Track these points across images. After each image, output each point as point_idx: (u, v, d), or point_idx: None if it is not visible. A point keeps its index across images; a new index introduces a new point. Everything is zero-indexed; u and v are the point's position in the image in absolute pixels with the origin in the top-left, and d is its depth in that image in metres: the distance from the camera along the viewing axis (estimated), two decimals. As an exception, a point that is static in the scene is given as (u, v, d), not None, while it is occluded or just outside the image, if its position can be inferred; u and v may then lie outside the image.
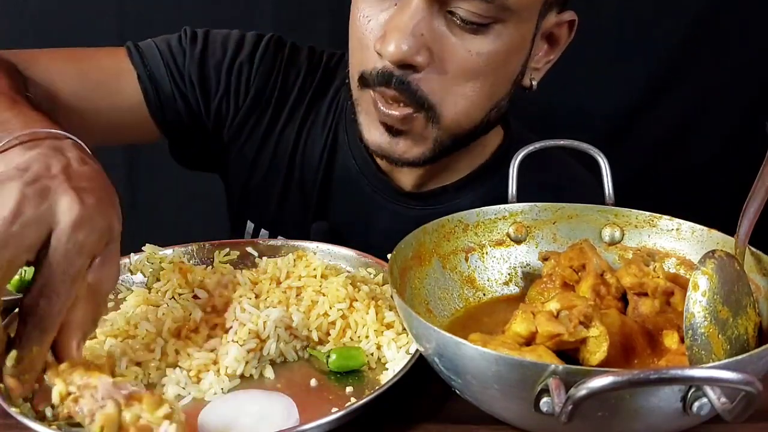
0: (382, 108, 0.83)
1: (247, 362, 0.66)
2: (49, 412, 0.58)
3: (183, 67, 0.98)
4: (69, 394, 0.56)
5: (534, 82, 0.91)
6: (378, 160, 0.96)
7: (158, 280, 0.76)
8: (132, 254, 0.79)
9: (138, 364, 0.66)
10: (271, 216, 1.03)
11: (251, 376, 0.67)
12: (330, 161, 1.01)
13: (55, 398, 0.56)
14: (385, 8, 0.80)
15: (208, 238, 0.86)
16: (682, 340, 0.62)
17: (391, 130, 0.85)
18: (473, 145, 0.95)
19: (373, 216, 0.99)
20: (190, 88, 0.98)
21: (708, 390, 0.49)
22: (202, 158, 1.07)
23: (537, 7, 0.82)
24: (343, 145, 1.00)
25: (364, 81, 0.84)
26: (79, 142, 0.66)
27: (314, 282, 0.75)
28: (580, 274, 0.71)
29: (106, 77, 0.95)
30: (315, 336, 0.71)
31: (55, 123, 0.68)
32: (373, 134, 0.86)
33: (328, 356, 0.68)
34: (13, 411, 0.57)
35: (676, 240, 0.75)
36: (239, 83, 0.99)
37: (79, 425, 0.56)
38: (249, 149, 1.02)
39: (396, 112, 0.82)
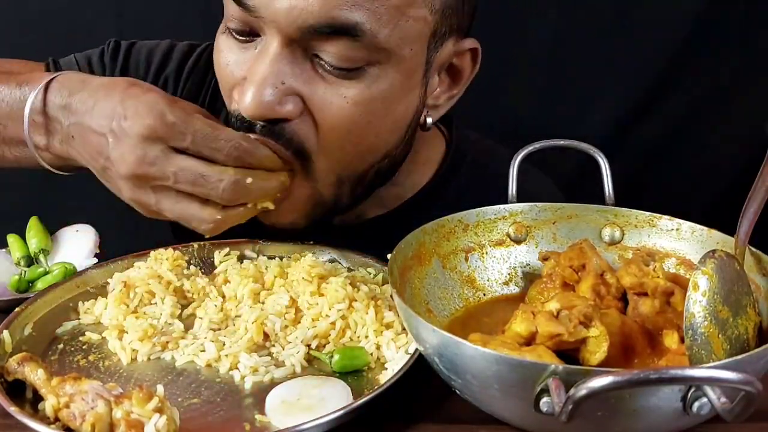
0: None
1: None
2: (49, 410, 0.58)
3: None
4: (61, 406, 0.57)
5: (429, 120, 0.81)
6: None
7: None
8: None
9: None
10: None
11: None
12: None
13: (49, 411, 0.58)
14: (245, 51, 0.73)
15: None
16: (682, 340, 0.62)
17: None
18: (405, 171, 0.86)
19: None
20: None
21: (708, 390, 0.49)
22: None
23: (422, 42, 0.73)
24: None
25: (231, 123, 0.74)
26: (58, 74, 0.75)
27: (314, 282, 0.75)
28: (580, 274, 0.71)
29: None
30: (314, 337, 0.71)
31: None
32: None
33: (331, 357, 0.68)
34: (12, 410, 0.57)
35: (676, 240, 0.75)
36: None
37: None
38: None
39: None
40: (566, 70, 1.52)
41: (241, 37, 0.73)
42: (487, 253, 0.78)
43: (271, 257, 0.83)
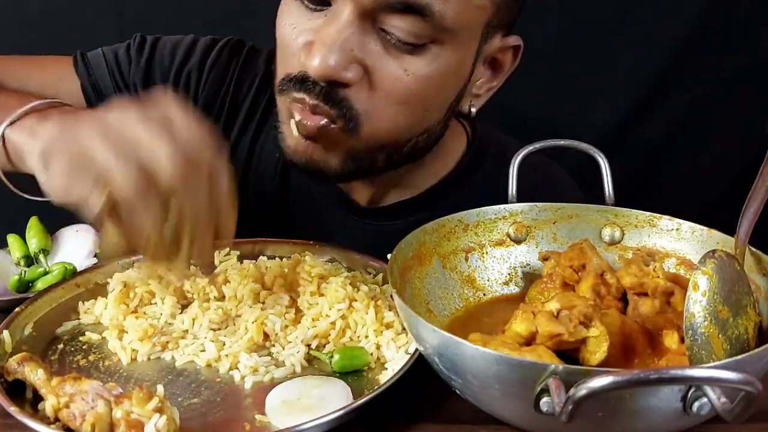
0: (297, 116, 0.76)
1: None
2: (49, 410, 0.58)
3: (128, 77, 0.94)
4: (61, 406, 0.57)
5: (473, 109, 0.86)
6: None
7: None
8: None
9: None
10: None
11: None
12: (284, 175, 0.96)
13: (49, 411, 0.58)
14: (314, 17, 0.75)
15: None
16: (682, 340, 0.62)
17: (306, 136, 0.79)
18: (431, 157, 0.90)
19: (332, 232, 0.93)
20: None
21: (708, 390, 0.49)
22: None
23: (478, 30, 0.77)
24: None
25: (285, 85, 0.77)
26: (61, 102, 0.79)
27: (314, 282, 0.75)
28: (580, 274, 0.71)
29: (46, 82, 0.93)
30: (314, 337, 0.71)
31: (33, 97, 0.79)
32: (289, 141, 0.80)
33: (331, 357, 0.68)
34: (12, 410, 0.57)
35: (676, 240, 0.75)
36: (187, 93, 0.94)
37: None
38: None
39: (311, 122, 0.76)
40: (568, 69, 1.52)
41: (312, 5, 0.75)
42: (487, 253, 0.78)
43: (271, 257, 0.83)
